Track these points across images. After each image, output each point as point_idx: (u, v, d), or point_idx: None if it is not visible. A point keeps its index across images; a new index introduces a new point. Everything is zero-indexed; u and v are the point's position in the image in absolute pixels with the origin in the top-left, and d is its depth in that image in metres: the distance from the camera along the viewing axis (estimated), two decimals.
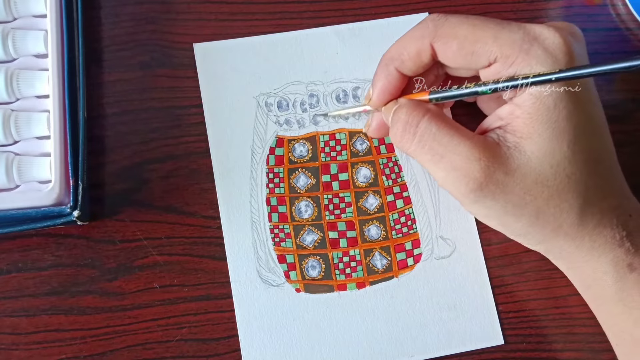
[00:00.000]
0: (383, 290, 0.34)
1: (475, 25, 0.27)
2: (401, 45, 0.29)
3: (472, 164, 0.26)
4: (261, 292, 0.33)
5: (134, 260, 0.33)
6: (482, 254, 0.34)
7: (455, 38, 0.27)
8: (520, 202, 0.27)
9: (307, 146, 0.36)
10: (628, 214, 0.28)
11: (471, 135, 0.27)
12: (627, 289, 0.28)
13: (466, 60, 0.28)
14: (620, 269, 0.28)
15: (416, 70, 0.29)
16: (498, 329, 0.33)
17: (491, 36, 0.27)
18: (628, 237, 0.28)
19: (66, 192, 0.31)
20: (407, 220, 0.35)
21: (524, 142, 0.27)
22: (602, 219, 0.28)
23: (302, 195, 0.35)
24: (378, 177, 0.35)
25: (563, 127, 0.26)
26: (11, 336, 0.31)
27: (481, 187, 0.27)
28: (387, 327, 0.33)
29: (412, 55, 0.29)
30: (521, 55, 0.26)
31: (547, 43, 0.26)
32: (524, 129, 0.27)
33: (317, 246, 0.34)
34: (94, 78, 0.35)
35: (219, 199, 0.34)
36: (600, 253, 0.28)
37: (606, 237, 0.28)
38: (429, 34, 0.28)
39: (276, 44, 0.37)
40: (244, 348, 0.32)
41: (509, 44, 0.26)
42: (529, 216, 0.27)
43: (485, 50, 0.27)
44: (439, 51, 0.28)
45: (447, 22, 0.28)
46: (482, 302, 0.34)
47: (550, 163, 0.26)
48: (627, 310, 0.29)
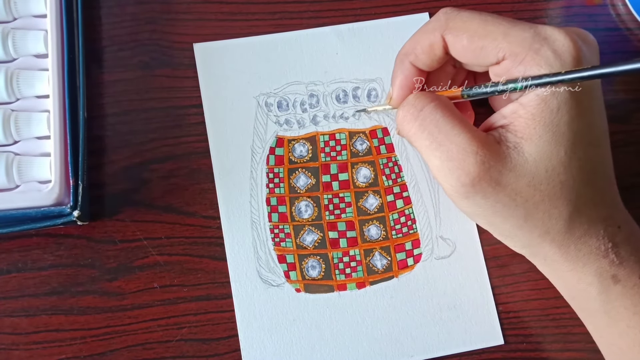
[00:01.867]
0: (383, 290, 0.34)
1: (486, 20, 0.27)
2: (415, 40, 0.29)
3: (468, 157, 0.26)
4: (261, 292, 0.33)
5: (134, 260, 0.33)
6: (482, 254, 0.34)
7: (466, 31, 0.27)
8: (511, 203, 0.27)
9: (307, 146, 0.36)
10: (617, 225, 0.28)
11: (473, 129, 0.27)
12: (611, 301, 0.28)
13: (475, 55, 0.28)
14: (604, 280, 0.28)
15: (431, 64, 0.29)
16: (498, 329, 0.33)
17: (502, 32, 0.27)
18: (613, 249, 0.28)
19: (66, 192, 0.31)
20: (407, 220, 0.35)
21: (524, 142, 0.26)
22: (590, 229, 0.28)
23: (302, 195, 0.35)
24: (378, 177, 0.35)
25: (563, 132, 0.26)
26: (11, 336, 0.31)
27: (473, 183, 0.26)
28: (387, 327, 0.33)
29: (425, 49, 0.29)
30: (530, 54, 0.26)
31: (557, 45, 0.26)
32: (525, 130, 0.26)
33: (317, 246, 0.34)
34: (94, 78, 0.35)
35: (219, 199, 0.34)
36: (584, 262, 0.28)
37: (591, 247, 0.28)
38: (441, 27, 0.28)
39: (276, 44, 0.37)
40: (244, 348, 0.32)
41: (518, 42, 0.26)
42: (517, 218, 0.27)
43: (495, 46, 0.27)
44: (449, 44, 0.28)
45: (459, 15, 0.28)
46: (482, 302, 0.34)
47: (545, 167, 0.26)
48: (613, 323, 0.28)
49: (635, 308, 0.28)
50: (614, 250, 0.28)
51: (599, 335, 0.30)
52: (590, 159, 0.27)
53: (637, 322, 0.28)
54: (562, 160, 0.26)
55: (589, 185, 0.27)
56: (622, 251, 0.28)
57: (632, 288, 0.28)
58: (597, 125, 0.28)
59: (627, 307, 0.28)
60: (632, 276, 0.28)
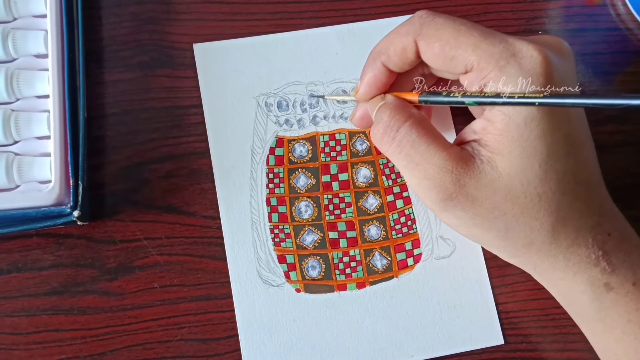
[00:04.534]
0: (383, 291, 0.34)
1: (459, 30, 0.27)
2: (388, 40, 0.29)
3: (444, 175, 0.27)
4: (261, 292, 0.33)
5: (134, 260, 0.33)
6: (482, 254, 0.34)
7: (438, 40, 0.27)
8: (489, 216, 0.27)
9: (307, 146, 0.36)
10: (607, 233, 0.28)
11: (448, 146, 0.27)
12: (605, 309, 0.28)
13: (445, 64, 0.28)
14: (596, 288, 0.28)
15: (402, 66, 0.29)
16: (498, 329, 0.33)
17: (472, 44, 0.26)
18: (604, 257, 0.27)
19: (66, 192, 0.31)
20: (407, 220, 0.35)
21: (496, 157, 0.26)
22: (577, 238, 0.27)
23: (302, 196, 0.35)
24: (378, 177, 0.35)
25: (535, 145, 0.26)
26: (11, 336, 0.31)
27: (451, 198, 0.27)
28: (387, 327, 0.33)
29: (398, 51, 0.29)
30: (495, 71, 0.26)
31: (525, 62, 0.26)
32: (495, 145, 0.26)
33: (317, 246, 0.34)
34: (94, 78, 0.35)
35: (218, 199, 0.34)
36: (575, 272, 0.28)
37: (581, 256, 0.27)
38: (415, 31, 0.28)
39: (276, 44, 0.37)
40: (244, 348, 0.32)
41: (486, 57, 0.26)
42: (497, 230, 0.27)
43: (465, 57, 0.27)
44: (421, 50, 0.28)
45: (434, 22, 0.28)
46: (482, 302, 0.34)
47: (520, 181, 0.26)
48: (608, 330, 0.28)
49: (630, 315, 0.28)
50: (605, 258, 0.27)
51: (595, 341, 0.30)
52: (570, 169, 0.27)
53: (631, 329, 0.28)
54: (537, 173, 0.26)
55: (571, 195, 0.27)
56: (614, 259, 0.28)
57: (626, 295, 0.28)
58: (575, 136, 0.27)
59: (621, 315, 0.28)
60: (625, 283, 0.28)
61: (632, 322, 0.28)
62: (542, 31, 0.39)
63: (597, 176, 0.29)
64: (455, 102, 0.27)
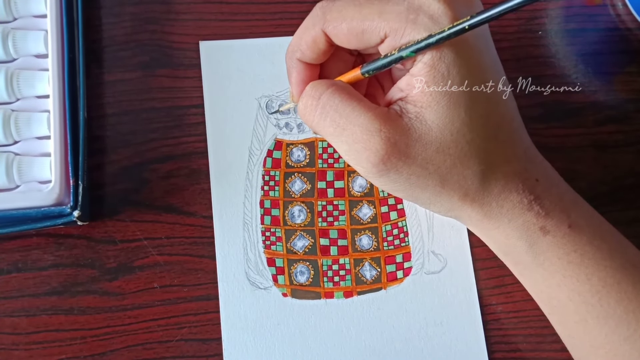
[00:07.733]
0: (370, 301, 0.33)
1: (360, 4, 0.27)
2: (298, 37, 0.29)
3: (372, 136, 0.26)
4: (247, 293, 0.33)
5: (134, 260, 0.33)
6: (472, 271, 0.34)
7: (343, 20, 0.27)
8: (424, 173, 0.27)
9: (305, 151, 0.35)
10: (534, 179, 0.28)
11: (373, 107, 0.27)
12: (543, 252, 0.28)
13: (359, 40, 0.28)
14: (532, 233, 0.28)
15: (318, 57, 0.29)
16: (484, 348, 0.33)
17: (376, 12, 0.27)
18: (536, 201, 0.28)
19: (66, 192, 0.31)
20: (399, 233, 0.35)
21: (424, 111, 0.26)
22: (507, 184, 0.28)
23: (297, 200, 0.35)
24: (374, 187, 0.35)
25: (459, 93, 0.26)
26: (11, 336, 0.31)
27: (383, 161, 0.26)
28: (372, 338, 0.33)
29: (309, 44, 0.29)
30: (409, 26, 0.26)
31: (432, 10, 0.26)
32: (422, 99, 0.26)
33: (307, 252, 0.34)
34: (94, 78, 0.35)
35: (212, 197, 0.34)
36: (509, 218, 0.28)
37: (513, 202, 0.28)
38: (320, 21, 0.28)
39: (282, 47, 0.36)
40: (226, 349, 0.32)
41: (394, 17, 0.26)
42: (434, 186, 0.27)
43: (374, 26, 0.27)
44: (331, 35, 0.28)
45: (335, 6, 0.28)
46: (469, 320, 0.33)
47: (450, 131, 0.26)
48: (549, 275, 0.28)
49: (569, 257, 0.28)
50: (538, 202, 0.28)
51: (538, 290, 0.30)
52: (492, 114, 0.27)
53: (572, 270, 0.28)
54: (465, 121, 0.26)
55: (497, 141, 0.27)
56: (546, 202, 0.28)
57: (563, 237, 0.28)
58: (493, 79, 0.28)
59: (560, 257, 0.28)
60: (560, 226, 0.28)
61: (572, 263, 0.28)
62: (542, 31, 0.39)
63: (519, 122, 0.29)
64: (395, 60, 0.27)
